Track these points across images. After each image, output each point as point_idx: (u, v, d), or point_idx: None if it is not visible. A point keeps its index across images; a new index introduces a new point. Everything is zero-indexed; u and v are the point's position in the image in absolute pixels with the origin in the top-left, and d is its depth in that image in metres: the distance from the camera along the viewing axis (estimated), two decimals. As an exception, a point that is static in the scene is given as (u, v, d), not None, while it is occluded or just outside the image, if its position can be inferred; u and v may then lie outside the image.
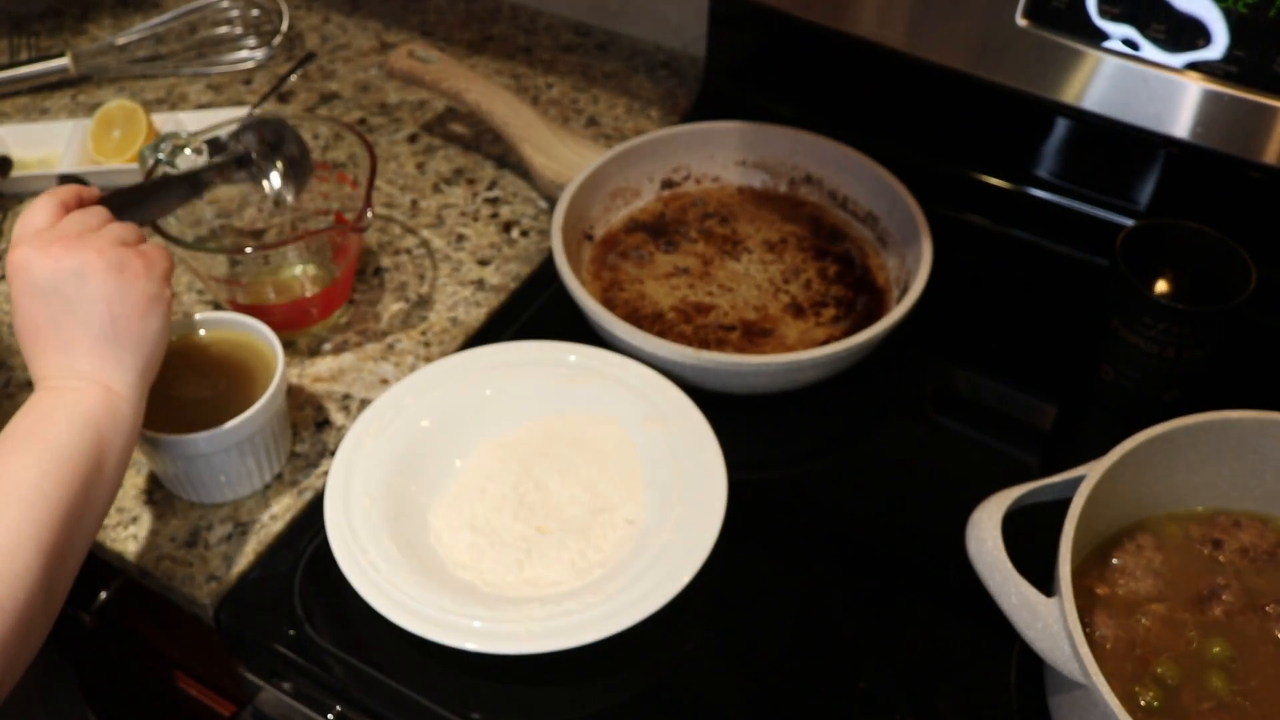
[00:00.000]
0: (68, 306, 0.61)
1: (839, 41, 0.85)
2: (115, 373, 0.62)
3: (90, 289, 0.61)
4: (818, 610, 0.70)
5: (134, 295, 0.63)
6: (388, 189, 1.00)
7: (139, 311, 0.63)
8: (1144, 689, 0.60)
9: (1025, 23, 0.76)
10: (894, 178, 0.88)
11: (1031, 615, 0.58)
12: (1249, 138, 0.73)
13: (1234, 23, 0.70)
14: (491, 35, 1.19)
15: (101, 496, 0.60)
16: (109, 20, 1.21)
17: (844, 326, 0.84)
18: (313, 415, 0.81)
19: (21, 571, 0.54)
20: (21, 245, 0.62)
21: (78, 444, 0.59)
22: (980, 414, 0.83)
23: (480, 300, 0.89)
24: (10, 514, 0.55)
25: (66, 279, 0.61)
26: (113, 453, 0.61)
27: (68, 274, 0.61)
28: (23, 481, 0.56)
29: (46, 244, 0.62)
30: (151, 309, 0.64)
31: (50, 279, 0.61)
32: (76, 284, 0.61)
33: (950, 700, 0.65)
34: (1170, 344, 0.74)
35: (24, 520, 0.55)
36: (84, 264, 0.61)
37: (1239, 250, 0.75)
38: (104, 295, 0.62)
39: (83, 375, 0.61)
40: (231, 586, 0.71)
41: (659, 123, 1.07)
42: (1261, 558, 0.66)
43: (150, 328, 0.64)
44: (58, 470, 0.57)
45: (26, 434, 0.59)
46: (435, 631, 0.63)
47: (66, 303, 0.61)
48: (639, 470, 0.73)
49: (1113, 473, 0.63)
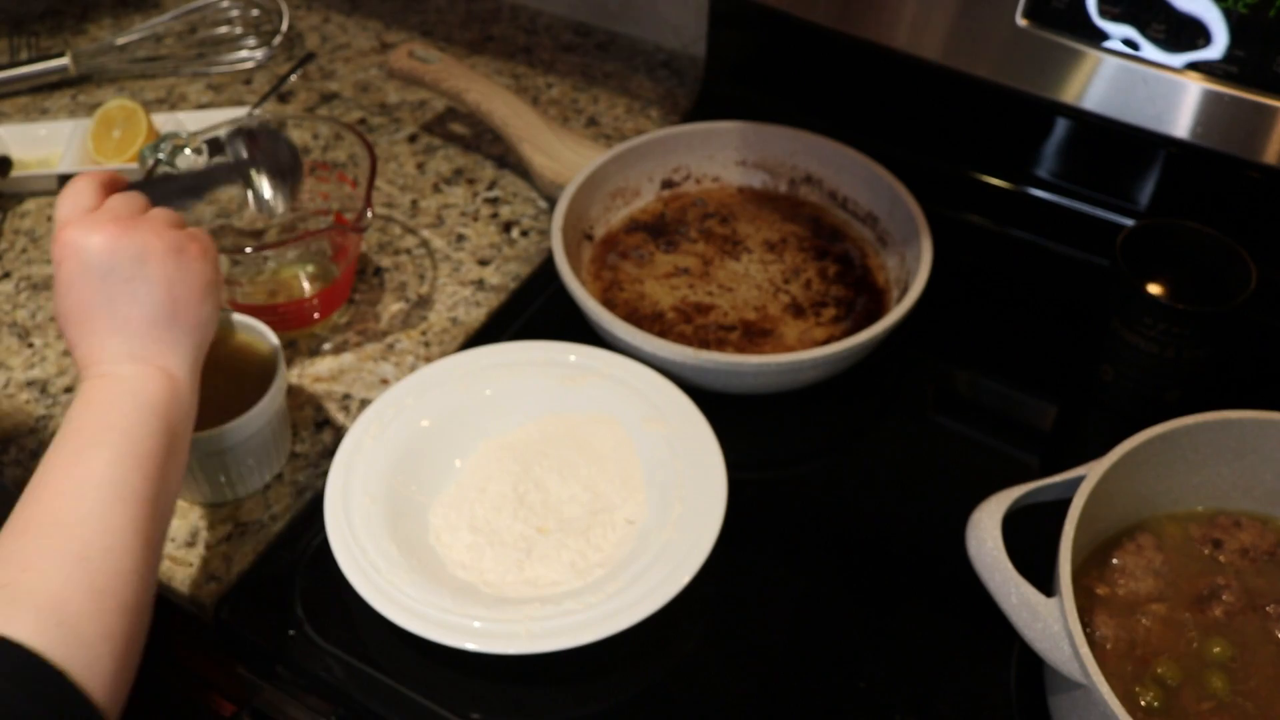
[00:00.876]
0: (126, 288, 0.60)
1: (839, 41, 0.85)
2: (173, 357, 0.61)
3: (150, 270, 0.60)
4: (818, 610, 0.70)
5: (192, 278, 0.62)
6: (388, 189, 1.00)
7: (197, 295, 0.62)
8: (1144, 689, 0.60)
9: (1025, 23, 0.76)
10: (894, 178, 0.88)
11: (1031, 615, 0.58)
12: (1249, 138, 0.73)
13: (1234, 23, 0.70)
14: (491, 35, 1.19)
15: (175, 483, 0.60)
16: (109, 20, 1.21)
17: (844, 326, 0.84)
18: (313, 415, 0.81)
19: (132, 569, 0.55)
20: (71, 226, 0.60)
21: (152, 434, 0.58)
22: (980, 414, 0.83)
23: (480, 300, 0.89)
24: (113, 512, 0.55)
25: (125, 261, 0.60)
26: (180, 439, 0.60)
27: (127, 256, 0.60)
28: (114, 479, 0.56)
29: (100, 224, 0.60)
30: (208, 293, 0.63)
31: (107, 260, 0.59)
32: (135, 266, 0.60)
33: (950, 700, 0.65)
34: (1170, 344, 0.74)
35: (125, 518, 0.55)
36: (144, 246, 0.60)
37: (1239, 250, 0.75)
38: (164, 278, 0.61)
39: (140, 359, 0.60)
40: (231, 586, 0.71)
41: (659, 123, 1.07)
42: (1262, 558, 0.66)
43: (205, 312, 0.63)
44: (139, 463, 0.57)
45: (102, 427, 0.57)
46: (435, 631, 0.63)
47: (125, 284, 0.60)
48: (639, 470, 0.73)
49: (1113, 473, 0.63)
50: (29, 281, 0.91)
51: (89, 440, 0.57)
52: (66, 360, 0.85)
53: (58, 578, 0.52)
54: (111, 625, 0.53)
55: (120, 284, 0.60)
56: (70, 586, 0.52)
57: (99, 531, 0.54)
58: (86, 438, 0.57)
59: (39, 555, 0.53)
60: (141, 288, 0.60)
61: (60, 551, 0.53)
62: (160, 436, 0.58)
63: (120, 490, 0.56)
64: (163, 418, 0.59)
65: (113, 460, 0.56)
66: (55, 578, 0.52)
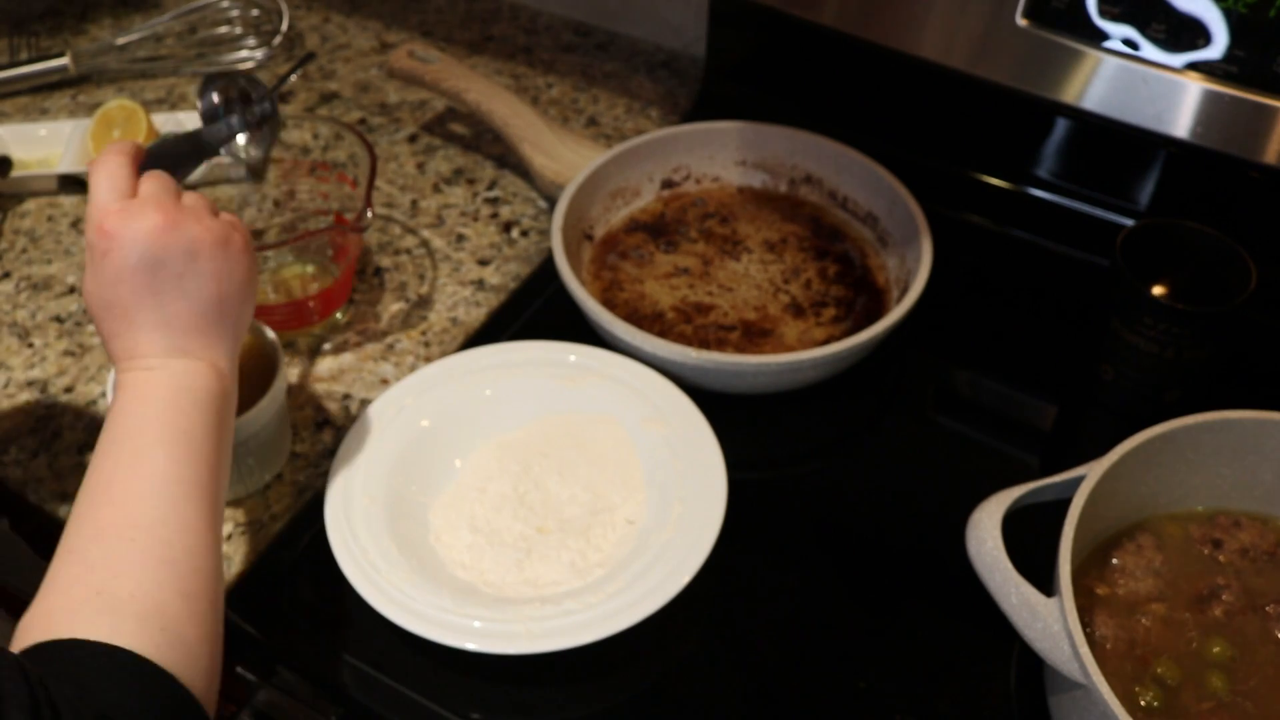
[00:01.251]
0: (176, 283, 0.59)
1: (839, 41, 0.85)
2: (219, 352, 0.61)
3: (200, 266, 0.59)
4: (818, 610, 0.70)
5: (240, 273, 0.62)
6: (388, 189, 1.00)
7: (243, 291, 0.62)
8: (1144, 689, 0.60)
9: (1025, 23, 0.76)
10: (894, 177, 0.88)
11: (1031, 615, 0.58)
12: (1249, 137, 0.73)
13: (1234, 23, 0.70)
14: (491, 35, 1.19)
15: (227, 477, 0.60)
16: (109, 20, 1.21)
17: (844, 326, 0.84)
18: (313, 415, 0.81)
19: (213, 567, 0.56)
20: (114, 215, 0.58)
21: (209, 429, 0.58)
22: (980, 414, 0.83)
23: (480, 300, 0.89)
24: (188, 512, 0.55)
25: (176, 255, 0.59)
26: (229, 433, 0.61)
27: (178, 250, 0.59)
28: (183, 478, 0.56)
29: (146, 214, 0.59)
30: (250, 286, 0.63)
31: (158, 254, 0.58)
32: (186, 261, 0.59)
33: (950, 700, 0.65)
34: (1170, 344, 0.74)
35: (199, 516, 0.56)
36: (193, 240, 0.59)
37: (1239, 250, 0.75)
38: (214, 273, 0.60)
39: (189, 354, 0.60)
40: (231, 586, 0.71)
41: (659, 123, 1.07)
42: (1261, 558, 0.66)
43: (249, 307, 0.63)
44: (203, 460, 0.57)
45: (162, 424, 0.57)
46: (435, 631, 0.63)
47: (175, 279, 0.59)
48: (639, 470, 0.73)
49: (1113, 473, 0.63)
50: (29, 281, 0.91)
51: (153, 439, 0.57)
52: (67, 360, 0.85)
53: (150, 582, 0.53)
54: (207, 627, 0.54)
55: (170, 279, 0.59)
56: (165, 590, 0.53)
57: (179, 531, 0.55)
58: (150, 436, 0.57)
59: (126, 560, 0.53)
60: (192, 283, 0.59)
61: (147, 555, 0.53)
62: (216, 431, 0.59)
63: (190, 489, 0.56)
64: (217, 414, 0.59)
65: (180, 459, 0.56)
66: (148, 582, 0.52)
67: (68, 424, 0.80)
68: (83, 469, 0.77)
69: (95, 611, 0.51)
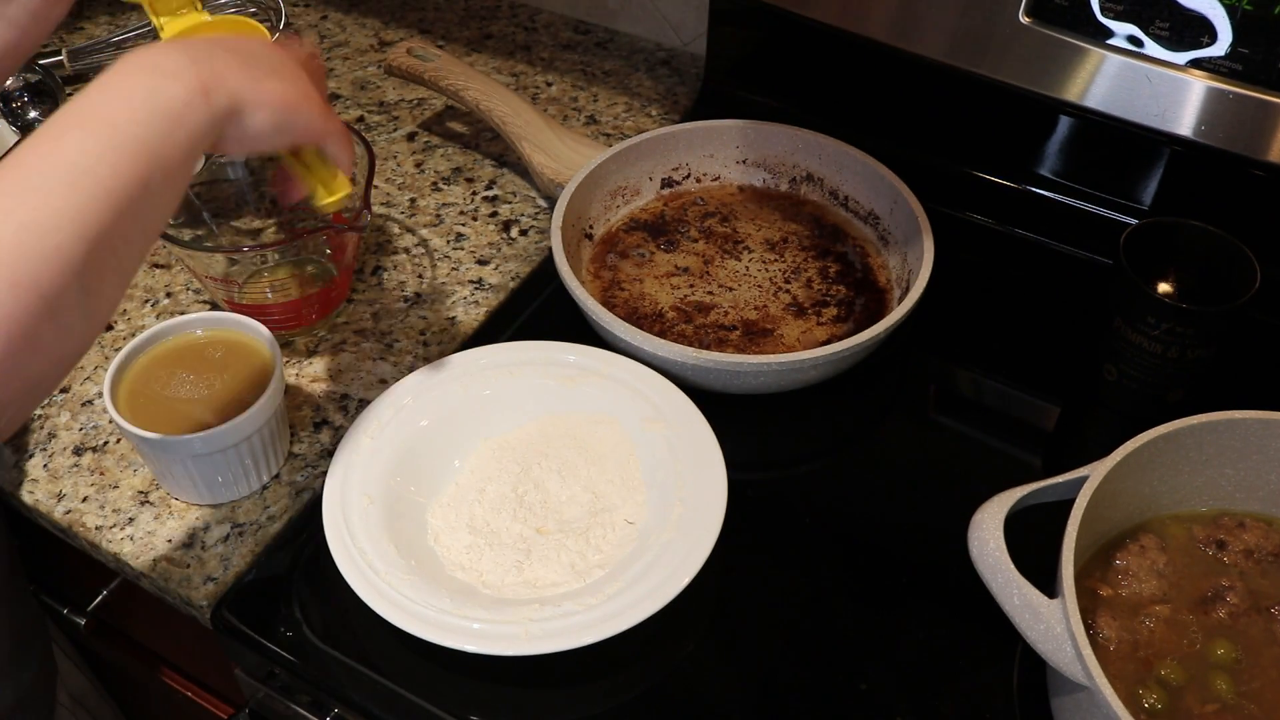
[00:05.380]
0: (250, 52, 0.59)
1: (840, 39, 0.84)
2: (229, 85, 0.56)
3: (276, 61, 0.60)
4: (818, 611, 0.69)
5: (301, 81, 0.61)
6: (386, 187, 0.99)
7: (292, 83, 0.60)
8: (1147, 691, 0.60)
9: (1028, 20, 0.75)
10: (895, 176, 0.88)
11: (1034, 617, 0.58)
12: (1253, 135, 0.72)
13: (1238, 20, 0.69)
14: (490, 33, 1.18)
15: (159, 206, 0.54)
16: (105, 18, 1.21)
17: (845, 326, 0.84)
18: (311, 415, 0.80)
19: (52, 251, 0.48)
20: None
21: (148, 136, 0.52)
22: (982, 414, 0.83)
23: (480, 300, 0.89)
24: (53, 191, 0.49)
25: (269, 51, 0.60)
26: (177, 173, 0.54)
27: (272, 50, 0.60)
28: (76, 164, 0.50)
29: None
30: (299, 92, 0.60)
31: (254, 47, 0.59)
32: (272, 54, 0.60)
33: (952, 702, 0.65)
34: (1174, 344, 0.74)
35: (66, 201, 0.49)
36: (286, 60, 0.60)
37: (1243, 249, 0.74)
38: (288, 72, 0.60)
39: (195, 62, 0.55)
40: (229, 588, 0.71)
41: (659, 121, 1.06)
42: (1266, 559, 0.66)
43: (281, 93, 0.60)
44: (116, 159, 0.51)
45: (98, 113, 0.52)
46: (434, 633, 0.63)
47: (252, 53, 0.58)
48: (639, 470, 0.73)
49: (1116, 473, 0.63)
50: (26, 281, 0.91)
51: (79, 121, 0.52)
52: (63, 360, 0.84)
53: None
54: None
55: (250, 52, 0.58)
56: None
57: (34, 207, 0.48)
58: (78, 118, 0.52)
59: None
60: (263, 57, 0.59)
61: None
62: (157, 144, 0.53)
63: (80, 177, 0.50)
64: (171, 127, 0.53)
65: (89, 148, 0.50)
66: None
67: (63, 424, 0.80)
68: (79, 470, 0.77)
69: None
